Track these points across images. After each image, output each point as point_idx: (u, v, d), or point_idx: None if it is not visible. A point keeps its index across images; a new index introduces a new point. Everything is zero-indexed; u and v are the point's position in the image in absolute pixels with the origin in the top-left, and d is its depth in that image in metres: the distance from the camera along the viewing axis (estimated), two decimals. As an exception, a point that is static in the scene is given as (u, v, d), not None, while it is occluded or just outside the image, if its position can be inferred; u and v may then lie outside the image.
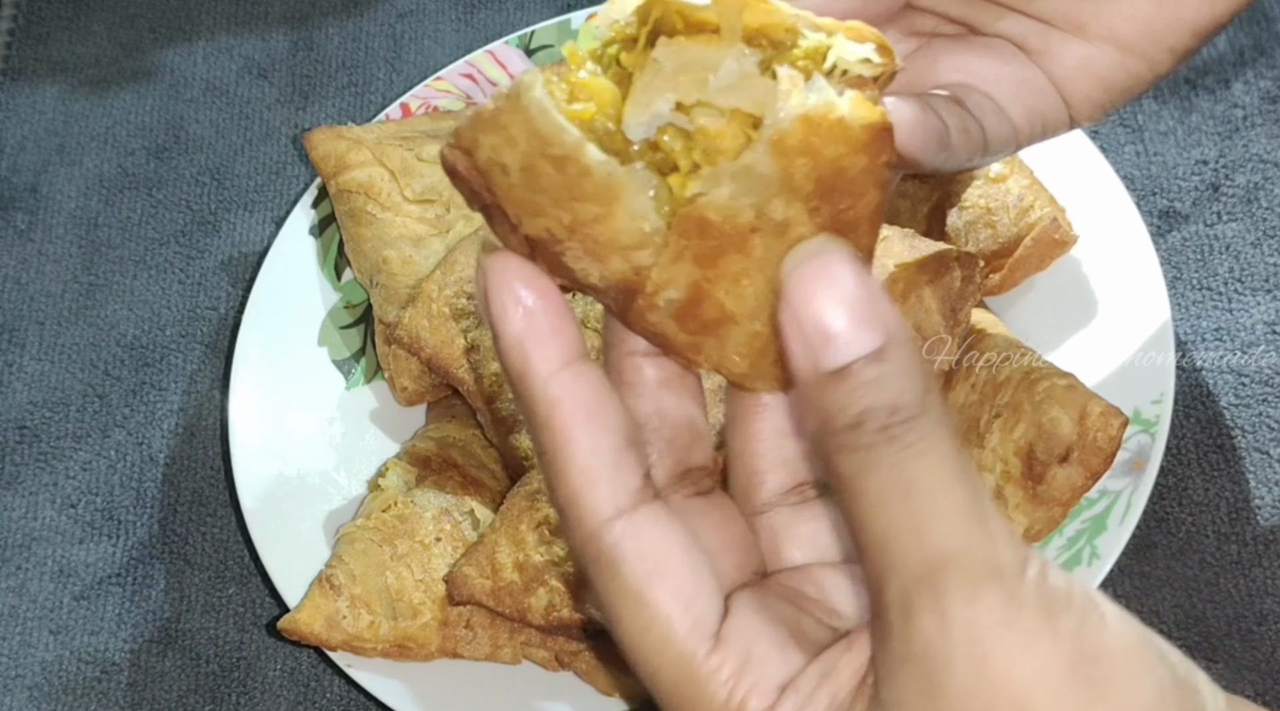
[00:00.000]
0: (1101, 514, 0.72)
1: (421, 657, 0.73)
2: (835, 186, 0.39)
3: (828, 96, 0.38)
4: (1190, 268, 0.83)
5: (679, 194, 0.39)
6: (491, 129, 0.39)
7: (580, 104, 0.39)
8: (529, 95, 0.38)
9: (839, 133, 0.38)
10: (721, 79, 0.39)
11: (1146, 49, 0.52)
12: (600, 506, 0.40)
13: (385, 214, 0.82)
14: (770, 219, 0.39)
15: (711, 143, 0.39)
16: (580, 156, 0.38)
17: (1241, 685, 0.72)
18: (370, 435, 0.81)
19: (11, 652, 0.80)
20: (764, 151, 0.38)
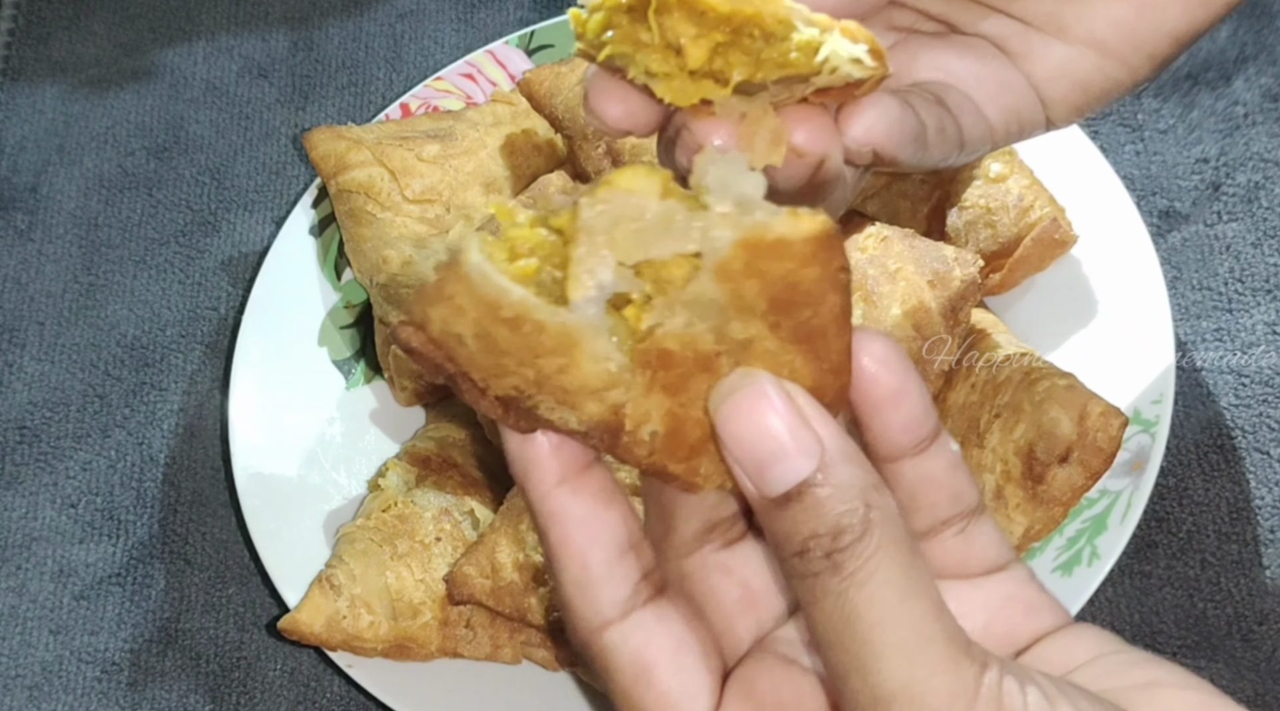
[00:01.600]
0: (1102, 514, 0.72)
1: (421, 657, 0.73)
2: (791, 300, 0.39)
3: (759, 218, 0.38)
4: (1190, 268, 0.83)
5: (635, 328, 0.39)
6: (438, 301, 0.39)
7: (521, 260, 0.38)
8: (468, 261, 0.37)
9: (781, 250, 0.38)
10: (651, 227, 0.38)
11: (1126, 54, 0.52)
12: (590, 615, 0.41)
13: (385, 214, 0.82)
14: (732, 340, 0.39)
15: (659, 275, 0.38)
16: (531, 314, 0.38)
17: (1241, 685, 0.72)
18: (370, 435, 0.81)
19: (11, 652, 0.80)
20: (709, 280, 0.38)
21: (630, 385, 0.40)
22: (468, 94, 0.89)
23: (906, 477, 0.43)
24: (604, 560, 0.41)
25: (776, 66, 0.43)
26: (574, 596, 0.42)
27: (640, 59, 0.43)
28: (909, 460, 0.43)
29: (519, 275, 0.38)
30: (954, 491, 0.44)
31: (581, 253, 0.38)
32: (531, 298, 0.38)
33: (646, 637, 0.41)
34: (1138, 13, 0.51)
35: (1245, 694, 0.72)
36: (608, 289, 0.38)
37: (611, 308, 0.39)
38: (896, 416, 0.42)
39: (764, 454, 0.39)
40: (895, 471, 0.43)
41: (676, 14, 0.42)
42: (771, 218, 0.38)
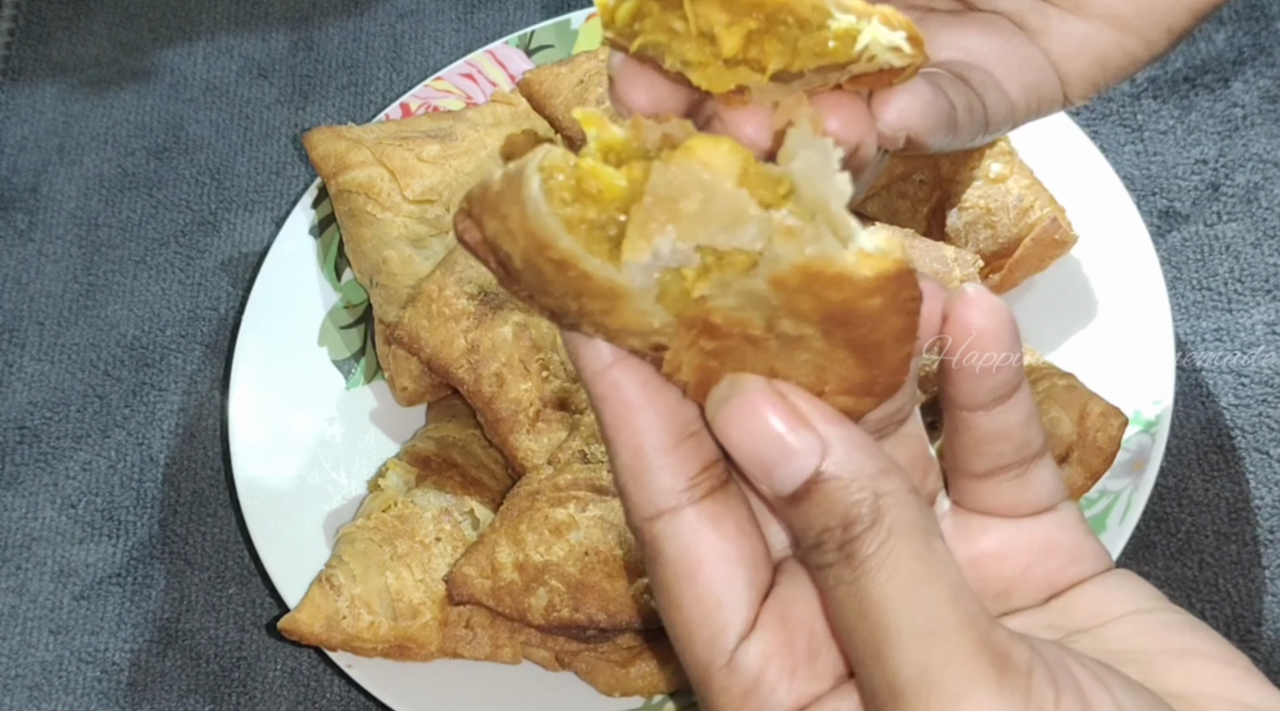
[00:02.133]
0: (1101, 514, 0.72)
1: (421, 657, 0.73)
2: (847, 320, 0.37)
3: (827, 249, 0.36)
4: (1190, 268, 0.83)
5: (687, 291, 0.38)
6: (494, 213, 0.38)
7: (581, 205, 0.37)
8: (527, 190, 0.36)
9: (843, 281, 0.36)
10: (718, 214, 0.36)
11: (1144, 29, 0.51)
12: (642, 503, 0.40)
13: (385, 214, 0.82)
14: (781, 332, 0.38)
15: (718, 256, 0.37)
16: (579, 263, 0.37)
17: (1241, 685, 0.72)
18: (370, 435, 0.81)
19: (11, 652, 0.80)
20: (764, 282, 0.37)
21: (673, 337, 0.39)
22: (468, 94, 0.89)
23: (979, 426, 0.43)
24: (659, 446, 0.40)
25: (814, 55, 0.42)
26: (627, 482, 0.41)
27: (676, 48, 0.42)
28: (984, 413, 0.42)
29: (574, 221, 0.37)
30: (1021, 441, 0.43)
31: (643, 217, 0.37)
32: (580, 250, 0.37)
33: (696, 537, 0.40)
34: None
35: (1245, 694, 0.72)
36: (662, 260, 0.37)
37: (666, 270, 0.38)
38: (991, 381, 0.42)
39: (767, 456, 0.39)
40: (968, 419, 0.43)
41: (709, 1, 0.41)
42: (839, 253, 0.36)
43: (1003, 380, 0.41)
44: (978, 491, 0.44)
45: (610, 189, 0.37)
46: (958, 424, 0.43)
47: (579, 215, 0.37)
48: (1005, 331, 0.41)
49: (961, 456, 0.43)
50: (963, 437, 0.43)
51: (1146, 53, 0.52)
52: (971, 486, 0.44)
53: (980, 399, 0.42)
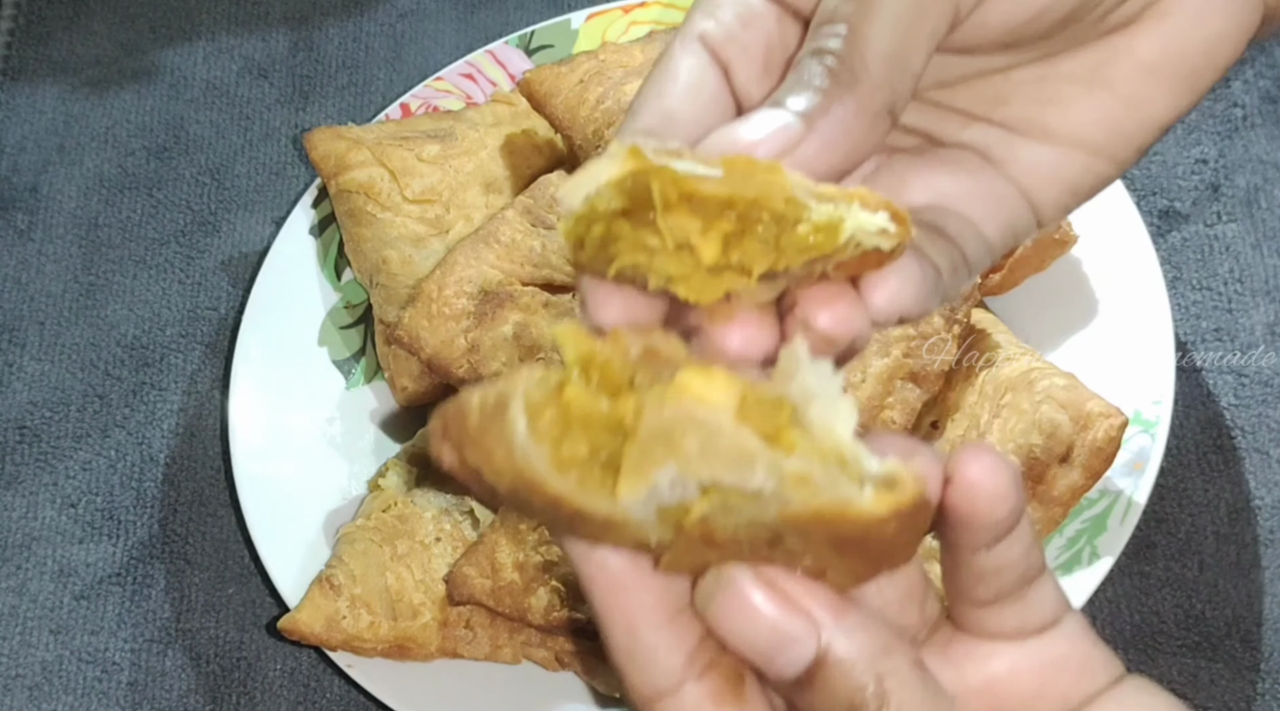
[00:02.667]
0: (1101, 514, 0.72)
1: (421, 657, 0.73)
2: (861, 544, 0.36)
3: (841, 492, 0.35)
4: (1190, 268, 0.83)
5: (685, 516, 0.36)
6: (476, 447, 0.36)
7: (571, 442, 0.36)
8: (514, 432, 0.35)
9: (858, 520, 0.35)
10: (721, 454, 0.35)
11: (1116, 151, 0.49)
12: (641, 684, 0.40)
13: (385, 214, 0.82)
14: (786, 548, 0.37)
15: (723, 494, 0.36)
16: (572, 501, 0.35)
17: (1242, 685, 0.72)
18: (370, 435, 0.81)
19: (11, 652, 0.80)
20: (772, 513, 0.36)
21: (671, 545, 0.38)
22: (468, 94, 0.89)
23: (980, 564, 0.42)
24: (653, 623, 0.39)
25: (799, 251, 0.39)
26: (624, 663, 0.40)
27: (657, 266, 0.39)
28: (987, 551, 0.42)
29: (565, 460, 0.35)
30: (1024, 569, 0.42)
31: (639, 455, 0.35)
32: (574, 489, 0.35)
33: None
34: (1125, 108, 0.48)
35: (1245, 694, 0.72)
36: (661, 496, 0.36)
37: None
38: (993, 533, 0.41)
39: (764, 646, 0.38)
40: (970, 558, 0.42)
41: (678, 211, 0.38)
42: (853, 497, 0.35)
43: (1005, 526, 0.41)
44: (981, 618, 0.43)
45: (599, 419, 0.36)
46: (958, 561, 0.42)
47: (569, 453, 0.36)
48: (1008, 488, 0.40)
49: (963, 588, 0.43)
50: (963, 573, 0.42)
51: (1117, 172, 0.50)
52: (974, 613, 0.43)
53: (982, 544, 0.41)
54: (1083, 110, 0.48)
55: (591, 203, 0.38)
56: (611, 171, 0.38)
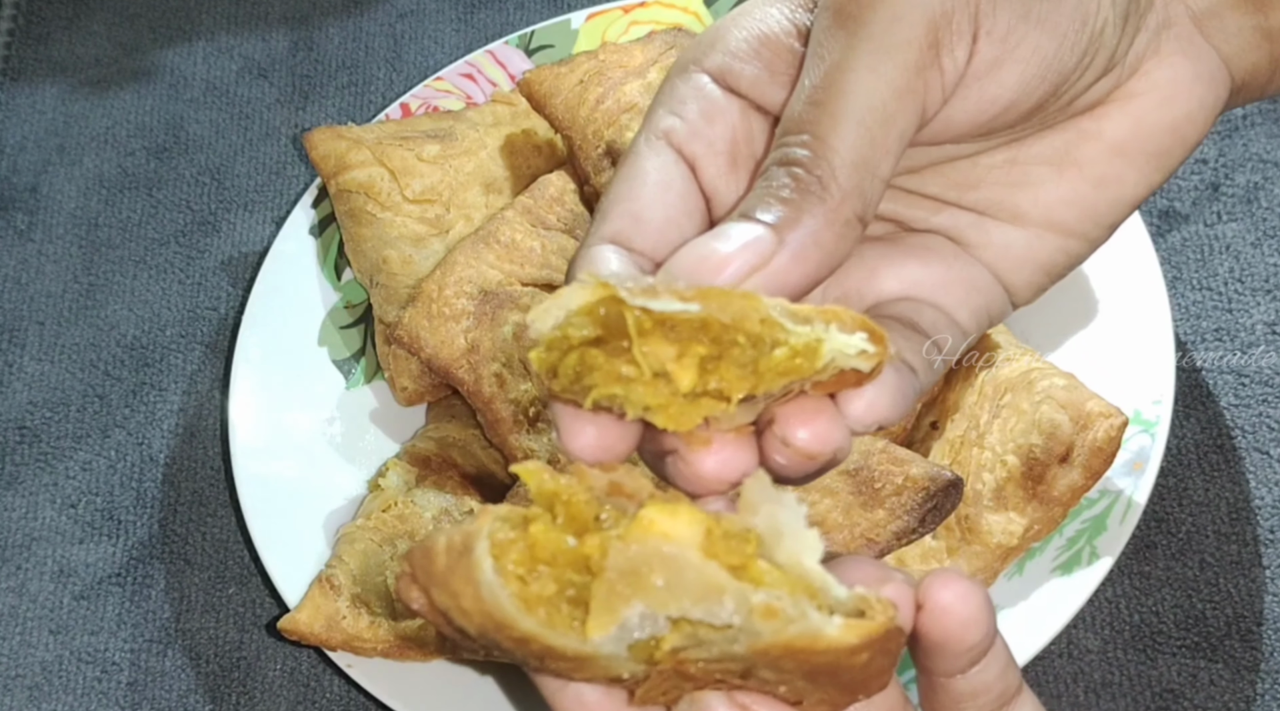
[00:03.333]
0: (1101, 514, 0.72)
1: (421, 657, 0.73)
2: (834, 674, 0.37)
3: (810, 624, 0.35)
4: (1190, 268, 0.83)
5: (658, 651, 0.36)
6: (443, 589, 0.36)
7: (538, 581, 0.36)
8: (481, 573, 0.35)
9: (829, 651, 0.35)
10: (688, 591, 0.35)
11: (1087, 230, 0.49)
12: None
13: (385, 214, 0.82)
14: (760, 679, 0.37)
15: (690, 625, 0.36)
16: (541, 640, 0.35)
17: (1242, 685, 0.72)
18: (370, 435, 0.81)
19: (11, 652, 0.80)
20: (743, 647, 0.36)
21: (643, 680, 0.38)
22: (468, 94, 0.89)
23: (957, 689, 0.42)
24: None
25: (778, 375, 0.39)
26: None
27: (634, 396, 0.39)
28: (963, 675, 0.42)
29: (533, 599, 0.35)
30: (1001, 690, 0.42)
31: (606, 593, 0.35)
32: (543, 629, 0.35)
33: None
34: (1094, 188, 0.48)
35: (1245, 694, 0.72)
36: (631, 632, 0.36)
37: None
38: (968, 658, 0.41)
39: None
40: (947, 683, 0.42)
41: (653, 337, 0.38)
42: (822, 628, 0.35)
43: (979, 651, 0.41)
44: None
45: (566, 557, 0.36)
46: (934, 686, 0.42)
47: (537, 592, 0.35)
48: (980, 612, 0.40)
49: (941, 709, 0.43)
50: (940, 697, 0.42)
51: (1090, 250, 0.49)
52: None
53: (957, 669, 0.41)
54: (1053, 192, 0.48)
55: (564, 329, 0.38)
56: (581, 299, 0.37)
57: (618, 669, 0.37)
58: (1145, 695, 0.73)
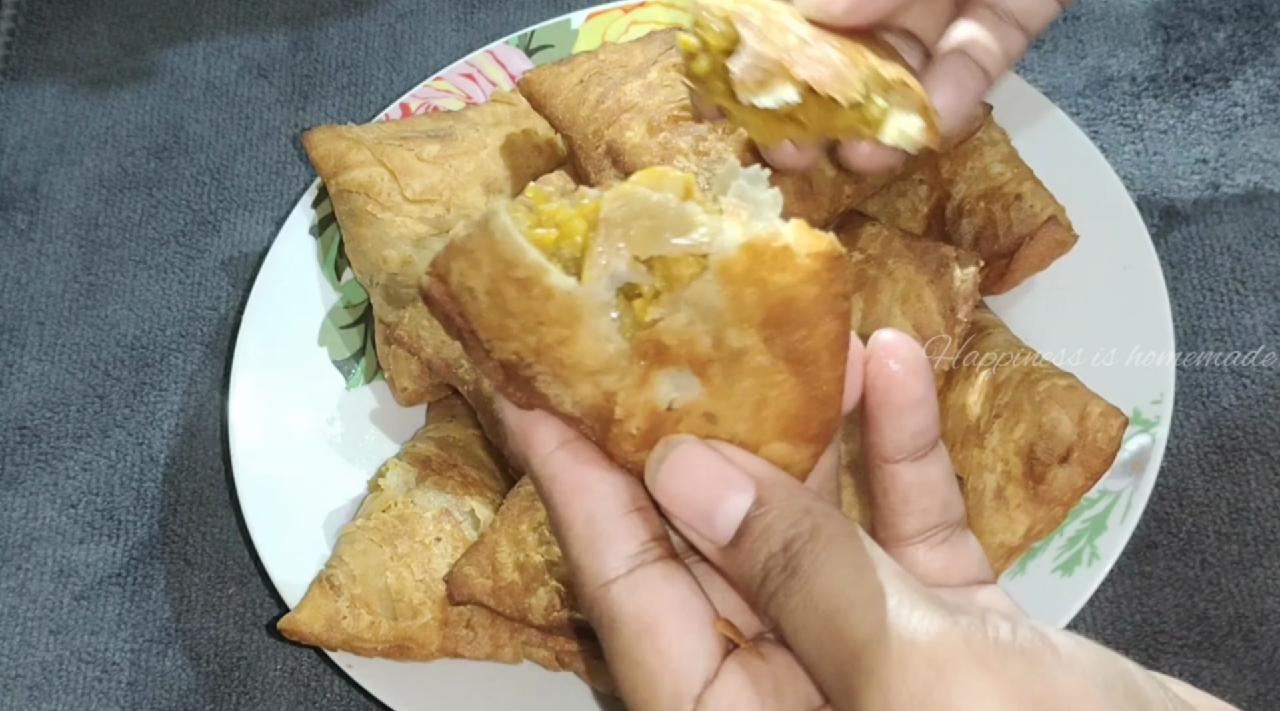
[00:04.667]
0: (1102, 514, 0.72)
1: (421, 657, 0.73)
2: (787, 316, 0.40)
3: (770, 225, 0.39)
4: (1190, 268, 0.83)
5: (639, 318, 0.40)
6: (461, 255, 0.40)
7: (544, 230, 0.40)
8: (495, 221, 0.39)
9: (784, 261, 0.39)
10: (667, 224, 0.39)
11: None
12: (597, 571, 0.42)
13: (385, 214, 0.82)
14: (728, 347, 0.40)
15: (669, 271, 0.40)
16: (542, 279, 0.39)
17: (1242, 685, 0.72)
18: (370, 435, 0.81)
19: (11, 652, 0.80)
20: (712, 279, 0.39)
21: (625, 373, 0.41)
22: (468, 94, 0.89)
23: (904, 480, 0.45)
24: (609, 514, 0.42)
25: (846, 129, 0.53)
26: (581, 553, 0.42)
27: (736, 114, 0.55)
28: (909, 464, 0.44)
29: (538, 242, 0.39)
30: (945, 498, 0.45)
31: (600, 241, 0.39)
32: (545, 261, 0.39)
33: (653, 595, 0.41)
34: None
35: (1246, 693, 0.72)
36: (620, 278, 0.40)
37: (620, 296, 0.40)
38: (912, 421, 0.43)
39: (703, 503, 0.41)
40: (894, 473, 0.45)
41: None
42: (780, 227, 0.39)
43: (922, 421, 0.44)
44: (910, 558, 0.45)
45: (567, 223, 0.40)
46: (886, 482, 0.45)
47: (543, 239, 0.40)
48: (921, 367, 0.43)
49: (891, 519, 0.45)
50: (891, 497, 0.45)
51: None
52: (904, 554, 0.45)
53: (903, 442, 0.44)
54: None
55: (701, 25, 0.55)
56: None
57: (604, 343, 0.40)
58: (1146, 695, 0.73)
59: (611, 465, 0.42)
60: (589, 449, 0.42)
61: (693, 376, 0.41)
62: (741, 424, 0.42)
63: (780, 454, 0.42)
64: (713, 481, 0.41)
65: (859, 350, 0.43)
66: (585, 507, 0.42)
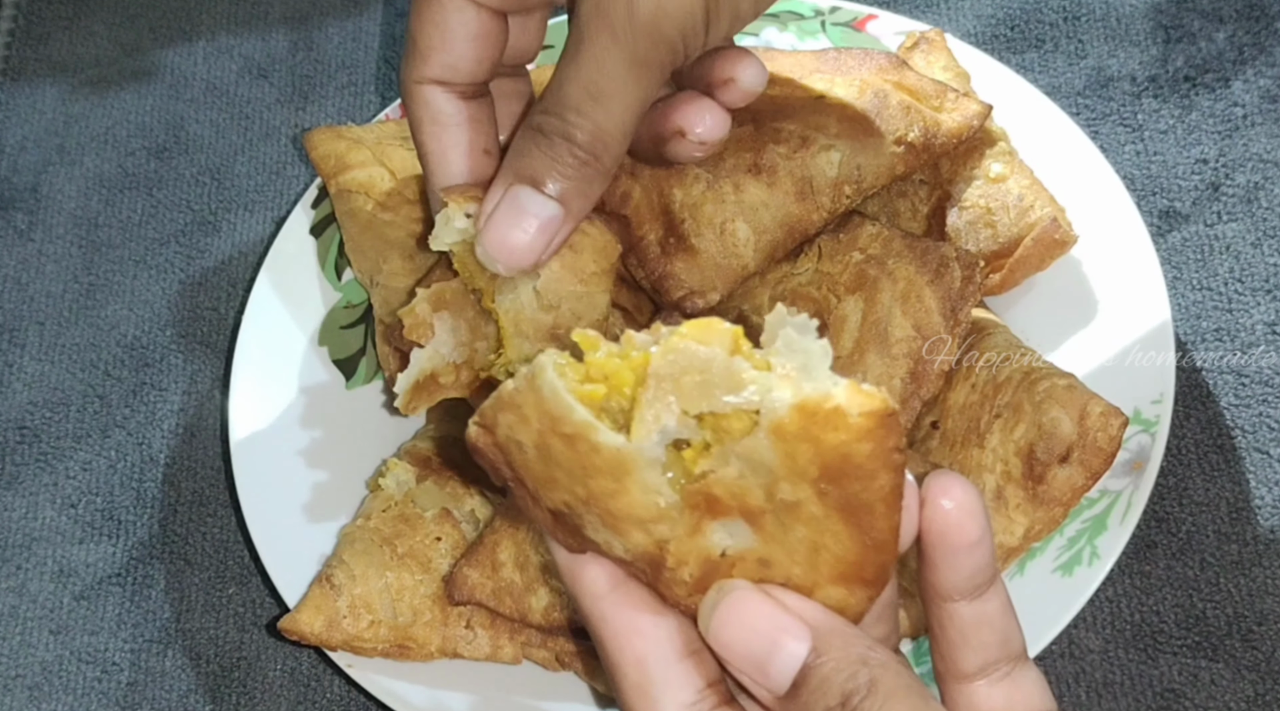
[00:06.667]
0: (1102, 514, 0.72)
1: (421, 657, 0.73)
2: (842, 471, 0.39)
3: (821, 386, 0.39)
4: (1190, 268, 0.83)
5: (689, 470, 0.40)
6: (509, 408, 0.40)
7: (592, 385, 0.40)
8: (542, 377, 0.39)
9: (838, 421, 0.39)
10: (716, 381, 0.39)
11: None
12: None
13: (385, 214, 0.82)
14: (780, 500, 0.40)
15: (719, 424, 0.40)
16: (590, 435, 0.39)
17: (1241, 685, 0.72)
18: (370, 435, 0.81)
19: (11, 652, 0.80)
20: (764, 438, 0.39)
21: (676, 523, 0.40)
22: (468, 94, 0.89)
23: (962, 617, 0.44)
24: (663, 659, 0.41)
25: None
26: (634, 700, 0.42)
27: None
28: (966, 602, 0.44)
29: (585, 398, 0.40)
30: (1004, 634, 0.44)
31: (649, 396, 0.40)
32: (593, 419, 0.39)
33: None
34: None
35: (1245, 694, 0.72)
36: (670, 434, 0.40)
37: (670, 447, 0.40)
38: (969, 562, 0.43)
39: (760, 651, 0.40)
40: (951, 610, 0.44)
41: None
42: (832, 387, 0.39)
43: (979, 561, 0.43)
44: (970, 696, 0.45)
45: (615, 375, 0.40)
46: (943, 620, 0.44)
47: (590, 394, 0.40)
48: (977, 509, 0.42)
49: (950, 656, 0.45)
50: (949, 633, 0.44)
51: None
52: (964, 691, 0.45)
53: (960, 582, 0.43)
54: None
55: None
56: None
57: (653, 495, 0.40)
58: (1146, 695, 0.73)
59: (664, 608, 0.42)
60: (641, 591, 0.42)
61: (745, 526, 0.41)
62: (796, 568, 0.41)
63: (836, 597, 0.42)
64: (768, 629, 0.40)
65: (913, 489, 0.43)
66: (637, 652, 0.41)
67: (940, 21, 0.94)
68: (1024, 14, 0.93)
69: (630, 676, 0.41)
